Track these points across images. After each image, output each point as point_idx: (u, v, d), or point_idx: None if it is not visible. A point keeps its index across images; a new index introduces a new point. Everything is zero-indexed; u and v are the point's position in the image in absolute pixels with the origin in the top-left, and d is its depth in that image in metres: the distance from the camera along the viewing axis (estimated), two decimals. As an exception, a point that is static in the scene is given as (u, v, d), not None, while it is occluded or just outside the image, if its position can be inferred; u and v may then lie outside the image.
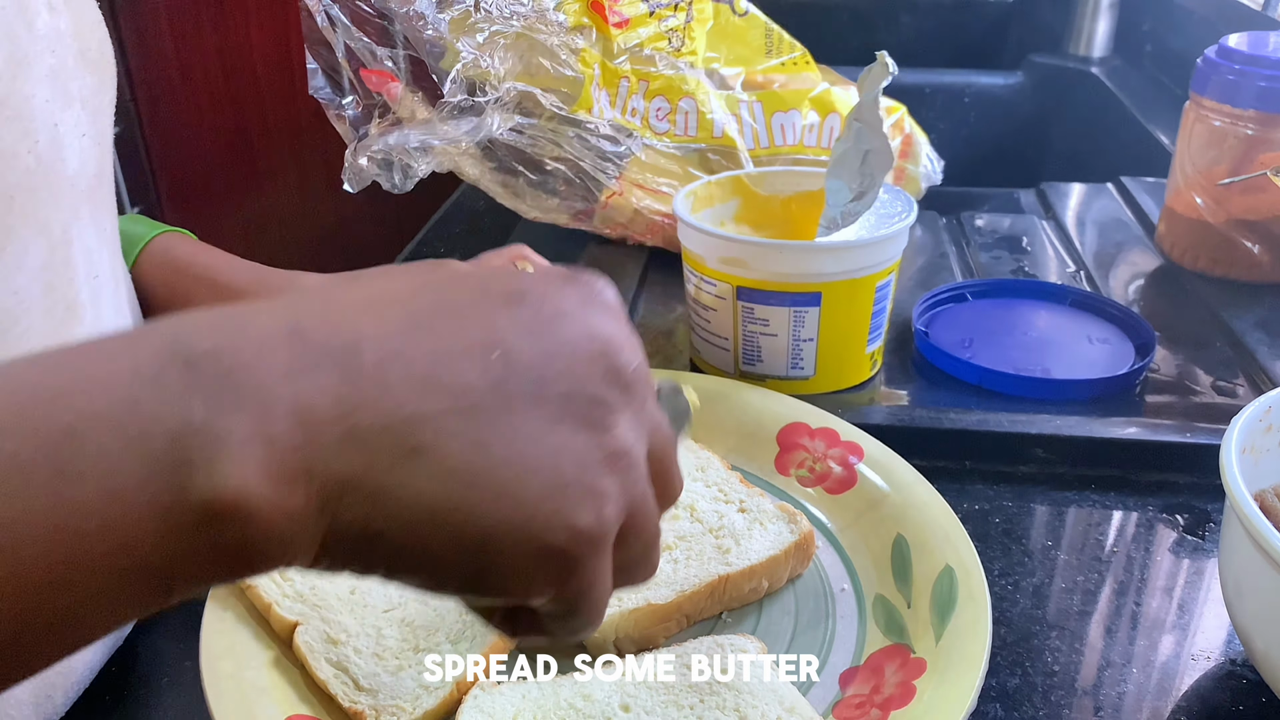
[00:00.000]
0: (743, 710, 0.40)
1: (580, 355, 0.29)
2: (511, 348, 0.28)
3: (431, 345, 0.27)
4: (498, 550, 0.27)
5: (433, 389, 0.26)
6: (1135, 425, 0.61)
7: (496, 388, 0.27)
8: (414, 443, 0.26)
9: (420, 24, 0.68)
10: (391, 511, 0.26)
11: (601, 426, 0.28)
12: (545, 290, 0.30)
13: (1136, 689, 0.45)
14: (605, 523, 0.28)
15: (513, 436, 0.27)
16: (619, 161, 0.76)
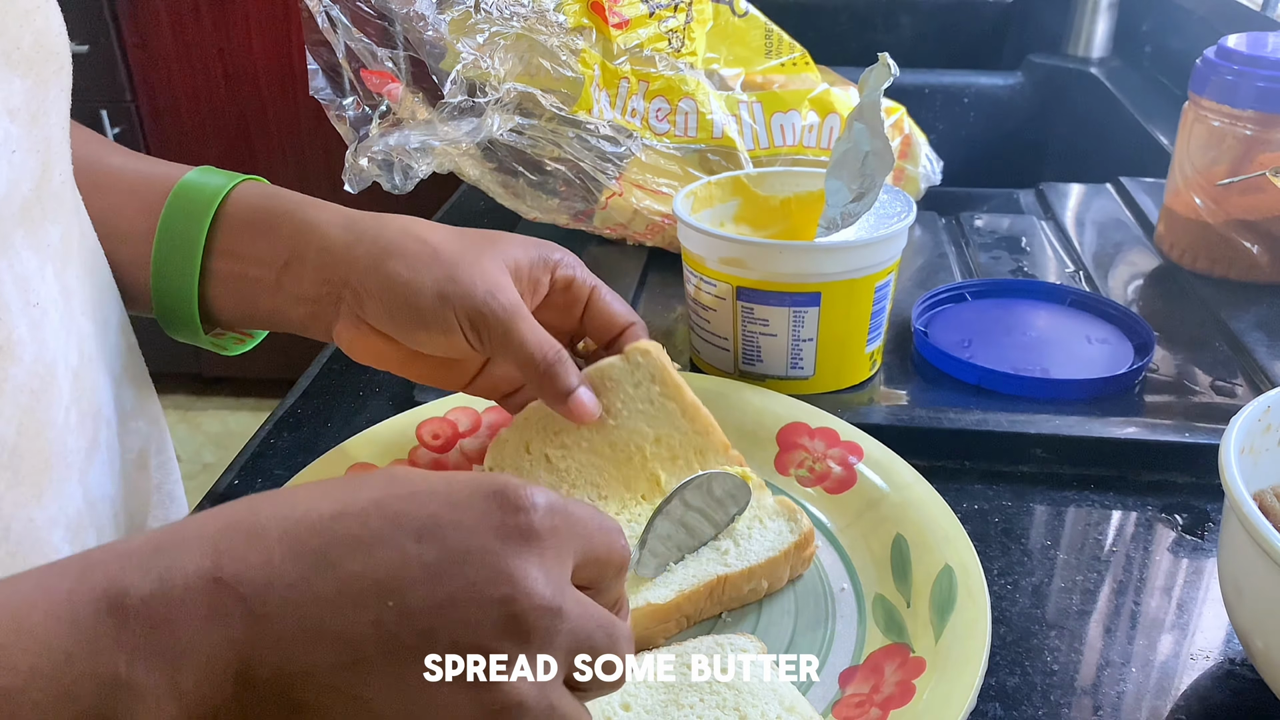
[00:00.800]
0: (743, 709, 0.40)
1: (480, 602, 0.28)
2: (407, 595, 0.28)
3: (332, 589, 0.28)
4: None
5: (322, 641, 0.28)
6: (1134, 425, 0.61)
7: (385, 640, 0.28)
8: (296, 699, 0.27)
9: (420, 25, 0.68)
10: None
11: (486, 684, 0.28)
12: (461, 520, 0.29)
13: (1135, 688, 0.45)
14: None
15: (395, 693, 0.28)
16: (619, 162, 0.77)
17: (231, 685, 0.27)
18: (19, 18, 0.38)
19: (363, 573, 0.28)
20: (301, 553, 0.28)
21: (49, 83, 0.41)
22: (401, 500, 0.30)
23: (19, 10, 0.38)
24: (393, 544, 0.29)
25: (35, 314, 0.40)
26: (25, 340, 0.39)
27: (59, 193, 0.43)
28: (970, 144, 1.26)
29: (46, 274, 0.41)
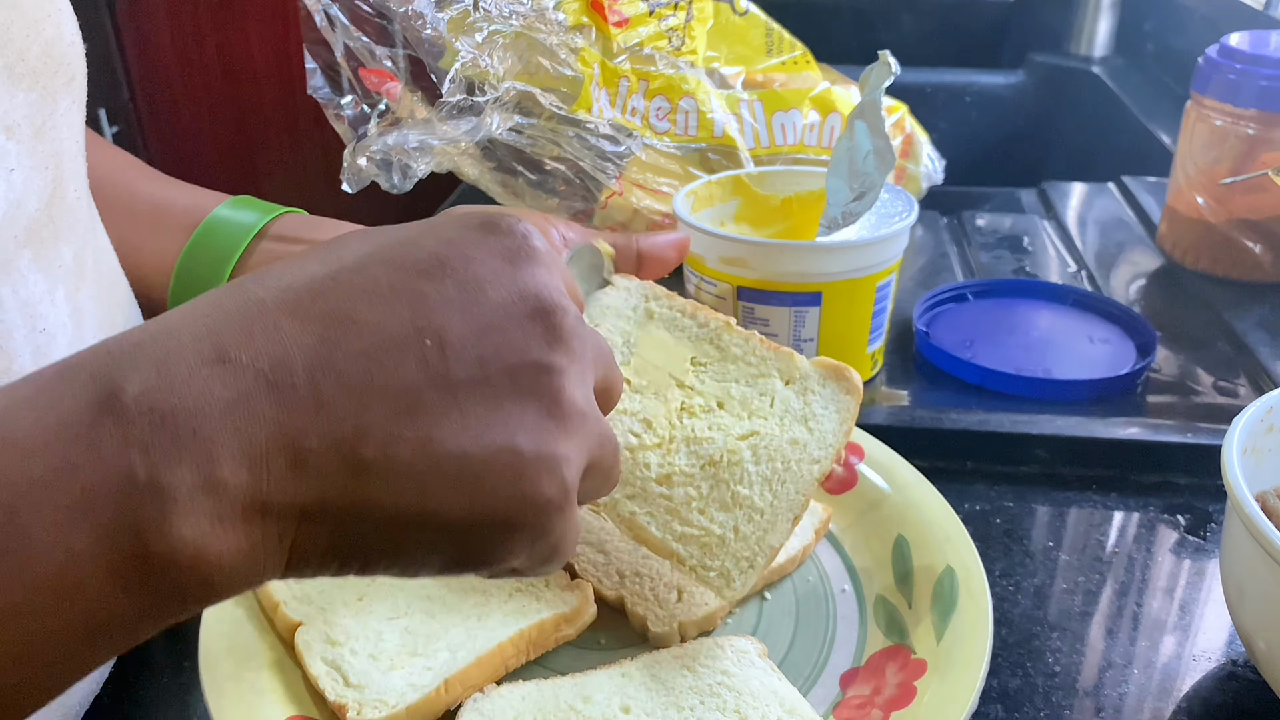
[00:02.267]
0: (743, 711, 0.40)
1: (515, 321, 0.28)
2: (443, 330, 0.27)
3: (361, 345, 0.26)
4: (466, 540, 0.27)
5: (370, 396, 0.25)
6: (1136, 425, 0.61)
7: (436, 380, 0.26)
8: (360, 459, 0.25)
9: (419, 23, 0.68)
10: (355, 527, 0.26)
11: (550, 393, 0.28)
12: (464, 251, 0.29)
13: (1138, 690, 0.45)
14: (568, 485, 0.28)
15: (463, 426, 0.26)
16: (619, 161, 0.76)
17: (280, 465, 0.24)
18: (26, 28, 0.37)
19: (386, 320, 0.26)
20: (310, 316, 0.26)
21: (57, 95, 0.39)
22: (395, 247, 0.28)
23: (27, 20, 0.37)
24: (406, 288, 0.27)
25: (41, 340, 0.38)
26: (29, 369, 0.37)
27: (73, 208, 0.41)
28: (972, 143, 1.26)
29: (56, 297, 0.39)
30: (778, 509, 0.42)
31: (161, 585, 0.23)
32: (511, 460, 0.27)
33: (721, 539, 0.42)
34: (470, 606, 0.45)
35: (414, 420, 0.26)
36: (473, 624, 0.44)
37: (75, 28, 0.41)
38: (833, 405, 0.46)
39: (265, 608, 0.45)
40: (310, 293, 0.26)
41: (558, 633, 0.44)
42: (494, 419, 0.27)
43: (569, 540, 0.29)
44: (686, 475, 0.44)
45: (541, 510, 0.27)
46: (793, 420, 0.45)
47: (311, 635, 0.43)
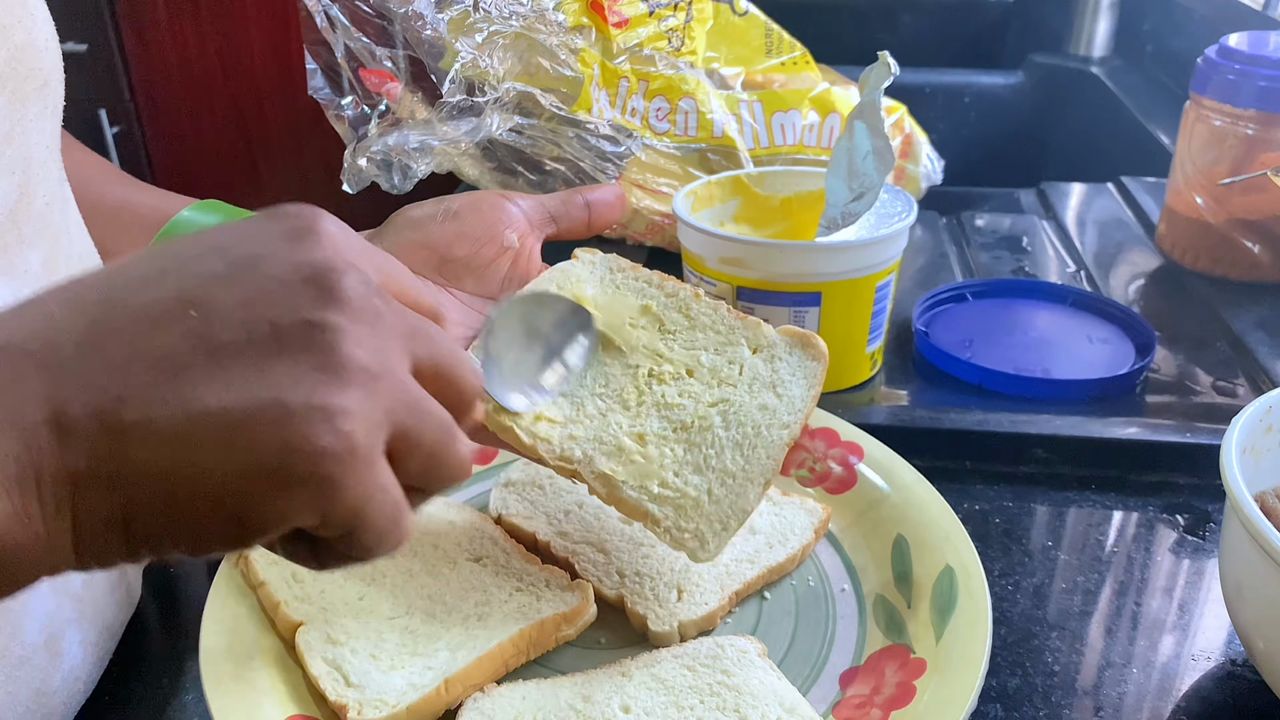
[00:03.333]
0: (743, 711, 0.40)
1: (286, 288, 0.28)
2: (209, 301, 0.27)
3: (127, 321, 0.27)
4: (241, 496, 0.26)
5: (133, 365, 0.26)
6: (1135, 425, 0.61)
7: (199, 345, 0.27)
8: (123, 421, 0.26)
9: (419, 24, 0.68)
10: (125, 494, 0.26)
11: (323, 348, 0.27)
12: (241, 237, 0.29)
13: (1137, 689, 0.45)
14: (350, 438, 0.27)
15: (226, 385, 0.26)
16: (619, 162, 0.76)
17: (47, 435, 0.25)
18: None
19: (154, 299, 0.27)
20: (84, 304, 0.27)
21: (27, 100, 0.39)
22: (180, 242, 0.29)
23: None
24: (178, 270, 0.28)
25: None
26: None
27: (42, 214, 0.41)
28: (971, 143, 1.26)
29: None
30: (749, 473, 0.43)
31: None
32: (277, 412, 0.26)
33: (696, 501, 0.42)
34: (471, 606, 0.45)
35: (175, 383, 0.26)
36: (473, 624, 0.44)
37: (51, 34, 0.41)
38: (800, 372, 0.47)
39: (266, 607, 0.45)
40: (87, 287, 0.28)
41: (558, 632, 0.44)
42: (259, 376, 0.27)
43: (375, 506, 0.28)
44: (660, 437, 0.44)
45: (315, 459, 0.26)
46: (761, 387, 0.46)
47: (312, 635, 0.43)
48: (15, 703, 0.40)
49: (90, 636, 0.45)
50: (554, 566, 0.48)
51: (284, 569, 0.46)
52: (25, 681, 0.40)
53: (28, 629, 0.40)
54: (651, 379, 0.46)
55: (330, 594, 0.45)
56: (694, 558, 0.42)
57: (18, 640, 0.40)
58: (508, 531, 0.50)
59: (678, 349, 0.47)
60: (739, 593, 0.47)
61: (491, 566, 0.47)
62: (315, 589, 0.45)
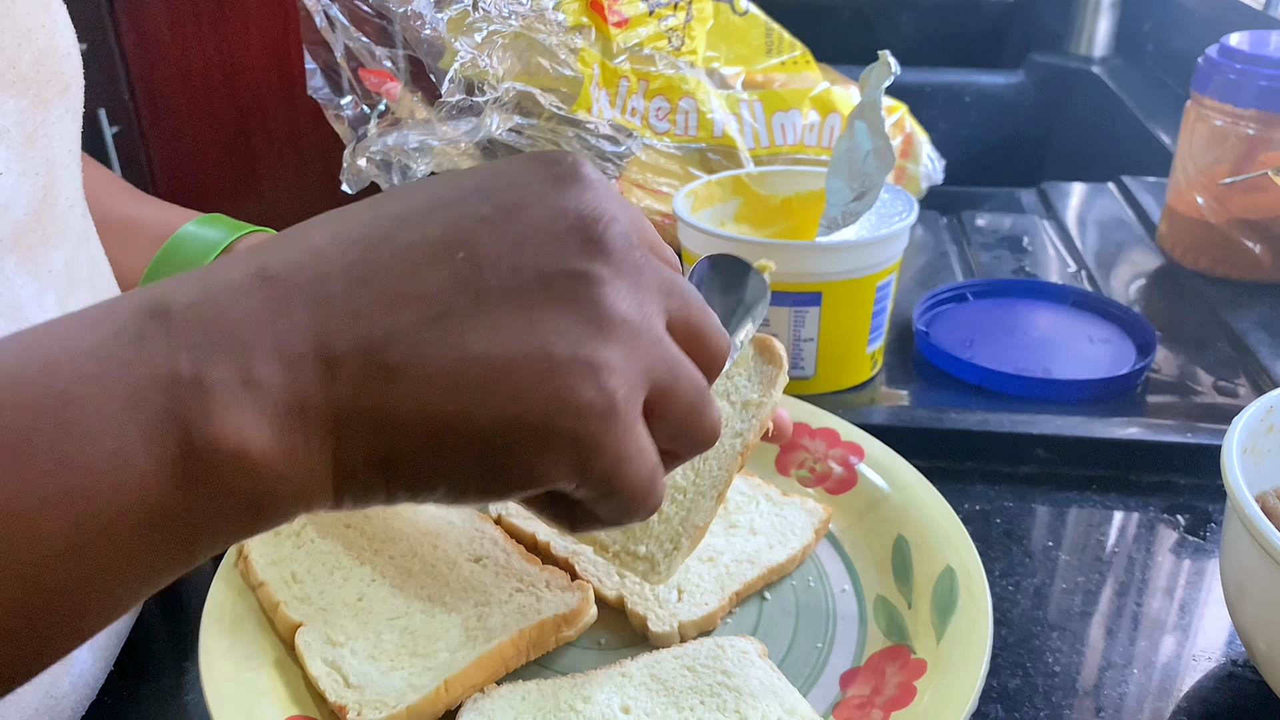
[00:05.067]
0: (743, 711, 0.40)
1: (552, 235, 0.28)
2: (476, 244, 0.27)
3: (396, 260, 0.27)
4: (505, 447, 0.26)
5: (399, 303, 0.26)
6: (1136, 425, 0.61)
7: (467, 288, 0.26)
8: (390, 361, 0.26)
9: (418, 23, 0.68)
10: (389, 434, 0.26)
11: (589, 300, 0.27)
12: (505, 180, 0.29)
13: (1137, 690, 0.45)
14: (613, 395, 0.27)
15: (493, 331, 0.26)
16: (619, 161, 0.76)
17: (314, 368, 0.25)
18: (18, 36, 0.38)
19: (422, 238, 0.27)
20: (350, 240, 0.27)
21: (49, 103, 0.40)
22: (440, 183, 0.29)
23: (19, 29, 0.38)
24: (444, 210, 0.28)
25: None
26: None
27: (65, 217, 0.42)
28: (972, 143, 1.26)
29: (46, 300, 0.40)
30: (700, 486, 0.42)
31: (207, 481, 0.24)
32: (542, 363, 0.26)
33: (644, 523, 0.41)
34: (470, 607, 0.45)
35: (443, 326, 0.26)
36: (473, 624, 0.44)
37: (72, 39, 0.41)
38: (756, 375, 0.45)
39: (265, 608, 0.45)
40: (355, 222, 0.28)
41: (558, 633, 0.44)
42: (526, 324, 0.26)
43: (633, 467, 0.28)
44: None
45: (579, 415, 0.26)
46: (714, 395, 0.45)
47: (312, 635, 0.43)
48: (24, 706, 0.40)
49: (99, 640, 0.45)
50: (554, 567, 0.48)
51: (283, 569, 0.46)
52: (34, 685, 0.40)
53: None
54: None
55: (330, 595, 0.45)
56: (646, 580, 0.41)
57: None
58: (507, 532, 0.50)
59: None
60: (739, 593, 0.47)
61: (491, 567, 0.47)
62: (315, 589, 0.45)
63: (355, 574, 0.46)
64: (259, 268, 0.26)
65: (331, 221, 0.28)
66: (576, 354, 0.26)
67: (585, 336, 0.27)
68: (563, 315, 0.27)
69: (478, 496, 0.27)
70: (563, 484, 0.27)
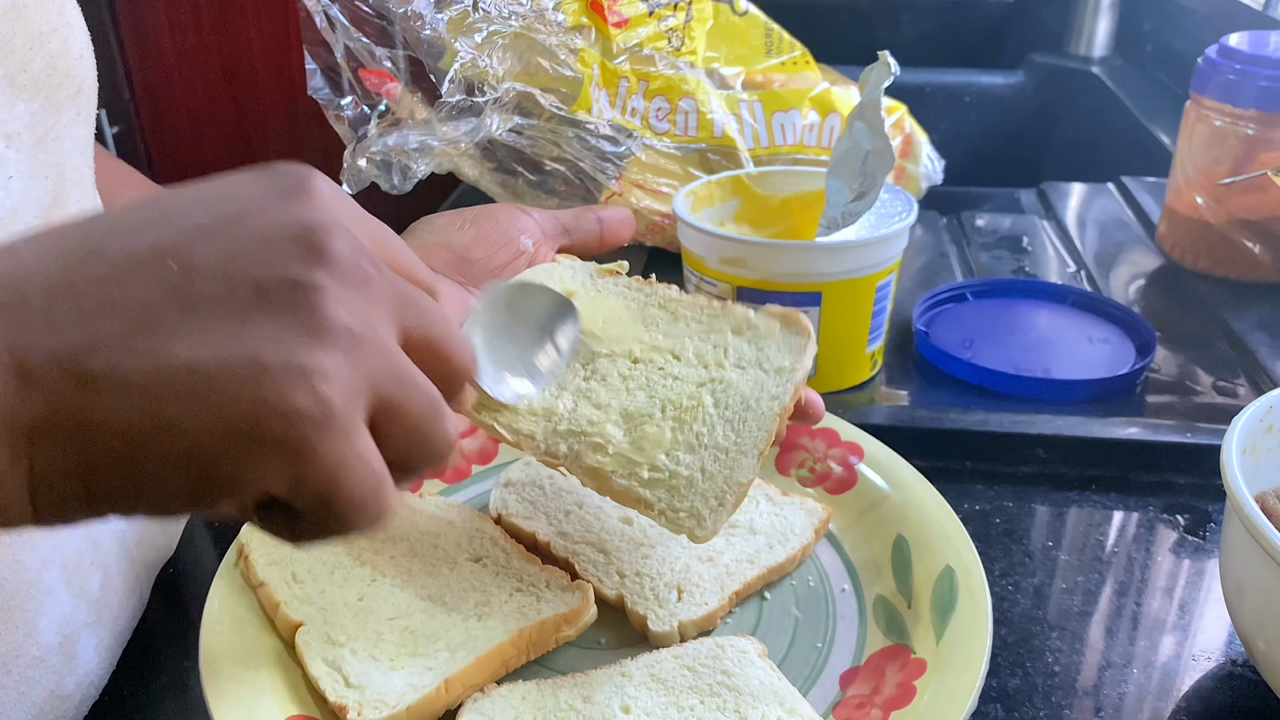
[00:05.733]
0: (743, 711, 0.40)
1: (271, 244, 0.27)
2: (190, 254, 0.26)
3: (101, 269, 0.26)
4: (212, 457, 0.25)
5: (104, 313, 0.25)
6: (1136, 425, 0.61)
7: (176, 297, 0.26)
8: (88, 370, 0.25)
9: (418, 24, 0.68)
10: (88, 446, 0.25)
11: (306, 307, 0.26)
12: (229, 192, 0.28)
13: (1137, 689, 0.45)
14: (325, 400, 0.26)
15: (201, 340, 0.25)
16: (618, 162, 0.76)
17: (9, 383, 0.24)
18: (30, 40, 0.37)
19: (134, 249, 0.26)
20: (58, 251, 0.26)
21: (61, 107, 0.40)
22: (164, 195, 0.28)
23: (31, 33, 0.38)
24: (159, 222, 0.27)
25: None
26: None
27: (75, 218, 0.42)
28: (972, 143, 1.26)
29: None
30: (742, 445, 0.43)
31: None
32: (252, 370, 0.25)
33: (690, 480, 0.42)
34: (470, 607, 0.45)
35: (148, 335, 0.25)
36: (473, 624, 0.44)
37: (86, 41, 0.41)
38: (785, 346, 0.46)
39: (266, 608, 0.45)
40: (63, 234, 0.27)
41: (558, 633, 0.44)
42: (237, 332, 0.26)
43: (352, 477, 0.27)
44: (647, 418, 0.44)
45: (289, 420, 0.25)
46: (748, 364, 0.46)
47: (312, 635, 0.43)
48: (29, 704, 0.40)
49: (105, 640, 0.45)
50: (554, 567, 0.48)
51: (284, 569, 0.46)
52: (39, 683, 0.40)
53: (43, 630, 0.40)
54: (636, 366, 0.46)
55: (330, 594, 0.45)
56: (693, 537, 0.41)
57: (33, 641, 0.40)
58: (508, 531, 0.50)
59: (661, 339, 0.48)
60: (739, 593, 0.47)
61: (491, 567, 0.47)
62: (315, 589, 0.45)
63: (355, 574, 0.46)
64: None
65: (42, 236, 0.27)
66: (288, 360, 0.26)
67: (299, 343, 0.26)
68: (277, 323, 0.26)
69: (185, 507, 0.27)
70: (276, 492, 0.26)
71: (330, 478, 0.26)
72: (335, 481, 0.26)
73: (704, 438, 0.43)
